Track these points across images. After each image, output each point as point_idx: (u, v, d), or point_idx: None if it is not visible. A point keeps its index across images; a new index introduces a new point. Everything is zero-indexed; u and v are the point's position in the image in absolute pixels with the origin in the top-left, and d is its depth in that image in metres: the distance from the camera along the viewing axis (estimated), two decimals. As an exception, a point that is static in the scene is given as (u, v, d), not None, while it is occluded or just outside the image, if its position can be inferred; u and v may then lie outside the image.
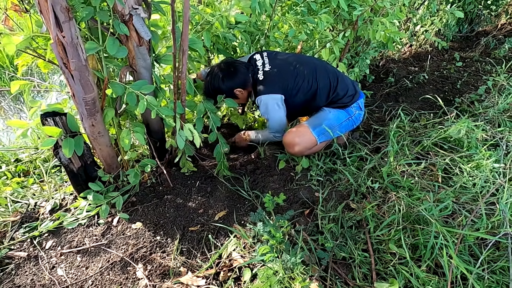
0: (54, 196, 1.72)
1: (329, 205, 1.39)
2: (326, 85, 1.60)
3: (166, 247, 1.33)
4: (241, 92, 1.64)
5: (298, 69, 1.58)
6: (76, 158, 1.46)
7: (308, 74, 1.59)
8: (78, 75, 1.15)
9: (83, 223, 1.51)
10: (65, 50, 1.06)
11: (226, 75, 1.58)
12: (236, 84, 1.60)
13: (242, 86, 1.62)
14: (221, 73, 1.59)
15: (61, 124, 1.32)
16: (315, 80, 1.59)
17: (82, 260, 1.33)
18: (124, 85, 1.31)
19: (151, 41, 1.40)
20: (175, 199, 1.60)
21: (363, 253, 1.17)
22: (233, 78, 1.59)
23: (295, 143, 1.60)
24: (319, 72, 1.60)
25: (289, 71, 1.58)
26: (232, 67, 1.60)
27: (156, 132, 1.71)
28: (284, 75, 1.58)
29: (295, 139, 1.60)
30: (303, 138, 1.60)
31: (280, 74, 1.58)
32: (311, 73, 1.59)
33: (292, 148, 1.62)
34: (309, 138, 1.60)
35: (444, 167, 1.49)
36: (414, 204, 1.22)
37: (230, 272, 1.15)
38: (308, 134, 1.61)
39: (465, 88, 2.78)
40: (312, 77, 1.59)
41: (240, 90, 1.62)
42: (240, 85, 1.61)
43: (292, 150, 1.63)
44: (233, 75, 1.59)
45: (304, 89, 1.60)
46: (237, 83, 1.60)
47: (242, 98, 1.70)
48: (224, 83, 1.59)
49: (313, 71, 1.60)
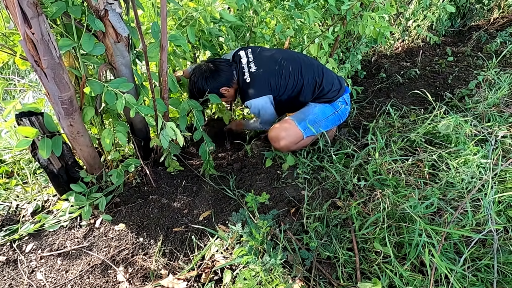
0: (37, 198, 1.68)
1: (315, 203, 1.37)
2: (311, 80, 1.58)
3: (148, 249, 1.31)
4: (227, 90, 1.61)
5: (284, 67, 1.56)
6: (56, 159, 1.42)
7: (293, 70, 1.56)
8: (51, 73, 1.10)
9: (65, 225, 1.47)
10: (35, 47, 1.02)
11: (209, 76, 1.55)
12: (221, 84, 1.58)
13: (227, 85, 1.59)
14: (204, 74, 1.56)
15: (37, 124, 1.28)
16: (301, 76, 1.57)
17: (62, 263, 1.30)
18: (102, 83, 1.27)
19: (131, 38, 1.35)
20: (160, 199, 1.57)
21: (348, 252, 1.15)
22: (217, 78, 1.56)
23: (280, 137, 1.58)
24: (304, 68, 1.58)
25: (274, 70, 1.55)
26: (214, 67, 1.57)
27: (140, 131, 1.67)
28: (270, 75, 1.55)
29: (281, 133, 1.58)
30: (288, 132, 1.58)
31: (266, 75, 1.55)
32: (297, 69, 1.57)
33: (277, 143, 1.60)
34: (295, 132, 1.58)
35: (432, 163, 1.47)
36: (400, 201, 1.20)
37: (212, 274, 1.12)
38: (294, 128, 1.59)
39: (456, 83, 2.76)
40: (297, 73, 1.56)
41: (225, 88, 1.60)
42: (225, 84, 1.59)
43: (277, 144, 1.60)
44: (217, 75, 1.56)
45: (290, 86, 1.58)
46: (221, 82, 1.58)
47: (229, 96, 1.67)
48: (208, 84, 1.56)
49: (299, 67, 1.57)
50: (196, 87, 1.58)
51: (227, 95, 1.64)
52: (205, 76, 1.56)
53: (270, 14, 1.93)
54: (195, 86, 1.59)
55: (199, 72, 1.58)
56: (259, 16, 1.86)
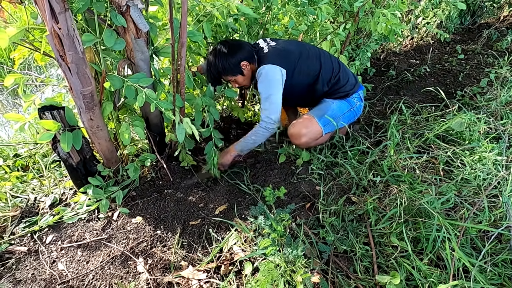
0: (53, 191, 1.71)
1: (330, 198, 1.39)
2: (329, 69, 1.58)
3: (166, 241, 1.33)
4: (246, 66, 1.55)
5: (303, 50, 1.55)
6: (75, 153, 1.45)
7: (312, 56, 1.56)
8: (75, 67, 1.13)
9: (83, 218, 1.50)
10: (61, 42, 1.04)
11: (231, 49, 1.51)
12: (242, 56, 1.52)
13: (248, 59, 1.54)
14: (225, 49, 1.52)
15: (59, 118, 1.30)
16: (319, 62, 1.56)
17: (82, 254, 1.33)
18: (122, 78, 1.29)
19: (149, 33, 1.37)
20: (175, 194, 1.59)
21: (364, 246, 1.16)
22: (238, 50, 1.52)
23: (302, 134, 1.57)
24: (322, 56, 1.58)
25: (294, 50, 1.54)
26: (234, 42, 1.55)
27: (156, 126, 1.69)
28: (290, 52, 1.53)
29: (302, 130, 1.57)
30: (310, 129, 1.58)
31: (286, 51, 1.53)
32: (316, 55, 1.57)
33: (298, 140, 1.59)
34: (316, 129, 1.58)
35: (446, 160, 1.48)
36: (416, 197, 1.21)
37: (231, 266, 1.15)
38: (315, 125, 1.58)
39: (467, 81, 2.75)
40: (316, 59, 1.56)
41: (245, 63, 1.53)
42: (246, 57, 1.53)
43: (298, 141, 1.60)
44: (238, 48, 1.53)
45: (308, 69, 1.55)
46: (243, 54, 1.52)
47: (247, 76, 1.59)
48: (231, 56, 1.51)
49: (318, 54, 1.58)
50: (218, 63, 1.52)
51: (246, 73, 1.57)
52: (228, 50, 1.51)
53: (283, 10, 1.94)
54: (216, 62, 1.52)
55: (217, 51, 1.53)
56: (272, 12, 1.87)
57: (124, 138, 1.41)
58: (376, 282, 1.04)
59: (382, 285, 1.02)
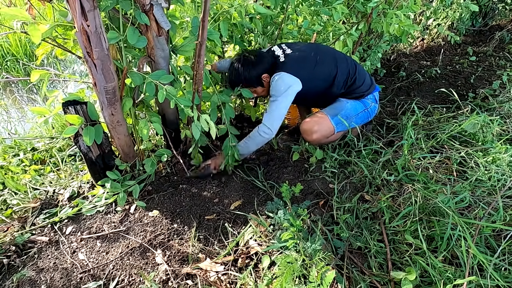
0: (71, 184, 1.76)
1: (343, 196, 1.41)
2: (345, 72, 1.60)
3: (183, 234, 1.37)
4: (267, 78, 1.61)
5: (318, 55, 1.58)
6: (95, 147, 1.49)
7: (328, 60, 1.59)
8: (100, 64, 1.16)
9: (101, 210, 1.54)
10: (89, 39, 1.08)
11: (254, 62, 1.57)
12: (264, 69, 1.58)
13: (269, 71, 1.60)
14: (249, 61, 1.58)
15: (81, 113, 1.35)
16: (335, 66, 1.59)
17: (102, 245, 1.37)
18: (143, 74, 1.33)
19: (169, 32, 1.41)
20: (190, 189, 1.63)
21: (379, 244, 1.18)
22: (261, 63, 1.58)
23: (313, 130, 1.61)
24: (338, 59, 1.61)
25: (310, 56, 1.57)
26: (256, 54, 1.60)
27: (172, 123, 1.73)
28: (306, 60, 1.56)
29: (314, 127, 1.61)
30: (321, 126, 1.62)
31: (302, 58, 1.56)
32: (331, 59, 1.59)
33: (310, 136, 1.63)
34: (328, 127, 1.62)
35: (459, 160, 1.49)
36: (430, 196, 1.23)
37: (248, 259, 1.18)
38: (327, 122, 1.62)
39: (479, 83, 2.74)
40: (332, 63, 1.59)
41: (266, 76, 1.60)
42: (267, 69, 1.59)
43: (310, 137, 1.64)
44: (260, 60, 1.58)
45: (324, 74, 1.58)
46: (264, 67, 1.59)
47: (266, 86, 1.65)
48: (254, 68, 1.57)
49: (333, 58, 1.60)
50: (241, 74, 1.59)
51: (265, 85, 1.64)
52: (251, 62, 1.57)
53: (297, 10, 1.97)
54: (239, 73, 1.59)
55: (244, 60, 1.59)
56: (287, 12, 1.90)
57: (143, 134, 1.45)
58: (391, 278, 1.06)
59: (396, 281, 1.04)
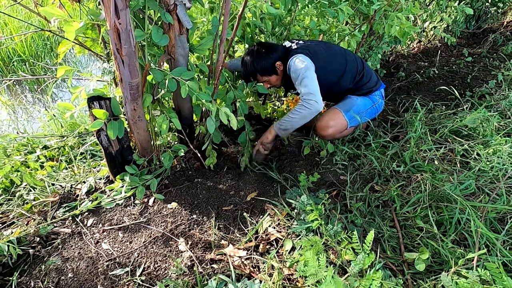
0: (87, 180, 1.81)
1: (355, 187, 1.48)
2: (353, 67, 1.69)
3: (203, 224, 1.42)
4: (280, 66, 1.67)
5: (329, 49, 1.67)
6: (116, 141, 1.54)
7: (338, 55, 1.67)
8: (128, 60, 1.23)
9: (120, 203, 1.59)
10: (119, 36, 1.14)
11: (267, 51, 1.63)
12: (278, 56, 1.64)
13: (282, 60, 1.66)
14: (261, 50, 1.64)
15: (105, 108, 1.40)
16: (344, 60, 1.67)
17: (124, 236, 1.42)
18: (165, 71, 1.39)
19: (188, 31, 1.48)
20: (206, 182, 1.69)
21: (391, 229, 1.26)
22: (274, 51, 1.64)
23: (329, 125, 1.69)
24: (347, 55, 1.70)
25: (321, 49, 1.65)
26: (267, 44, 1.67)
27: (187, 119, 1.79)
28: (317, 51, 1.63)
29: (330, 122, 1.69)
30: (336, 121, 1.69)
31: (313, 49, 1.63)
32: (341, 54, 1.68)
33: (325, 131, 1.70)
34: (342, 122, 1.70)
35: (462, 152, 1.58)
36: (438, 184, 1.31)
37: (269, 245, 1.24)
38: (341, 118, 1.70)
39: (475, 83, 2.86)
40: (341, 58, 1.67)
41: (280, 64, 1.65)
42: (281, 57, 1.65)
43: (325, 132, 1.71)
44: (273, 49, 1.65)
45: (334, 68, 1.66)
46: (278, 55, 1.64)
47: (280, 76, 1.70)
48: (269, 56, 1.63)
49: (343, 53, 1.70)
50: (256, 63, 1.63)
51: (279, 73, 1.69)
52: (264, 51, 1.63)
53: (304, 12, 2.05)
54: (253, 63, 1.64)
55: (255, 52, 1.64)
56: (295, 14, 1.98)
57: (162, 129, 1.51)
58: (404, 259, 1.13)
59: (410, 262, 1.12)
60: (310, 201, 1.14)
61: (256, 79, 1.71)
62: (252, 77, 1.70)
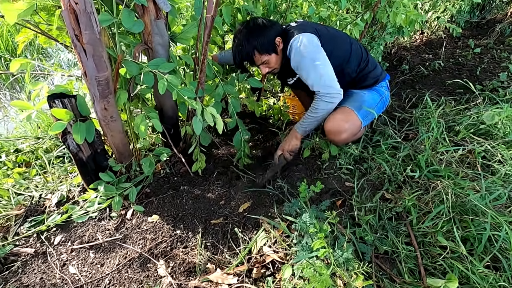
0: (59, 188, 1.60)
1: (363, 195, 1.29)
2: (358, 53, 1.47)
3: (188, 242, 1.23)
4: (280, 43, 1.41)
5: (332, 31, 1.45)
6: (86, 146, 1.33)
7: (342, 38, 1.46)
8: (91, 49, 1.01)
9: (94, 217, 1.39)
10: (77, 19, 0.93)
11: (265, 24, 1.37)
12: (277, 31, 1.38)
13: (282, 35, 1.40)
14: (259, 24, 1.36)
15: (70, 107, 1.19)
16: (349, 44, 1.45)
17: (95, 256, 1.21)
18: (140, 63, 1.18)
19: (168, 16, 1.26)
20: (193, 190, 1.49)
21: (407, 247, 1.07)
22: (273, 25, 1.38)
23: (343, 129, 1.40)
24: (352, 40, 1.49)
25: (325, 31, 1.42)
26: (265, 18, 1.41)
27: (170, 118, 1.59)
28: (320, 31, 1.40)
29: (344, 125, 1.40)
30: (351, 123, 1.41)
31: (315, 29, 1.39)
32: (345, 38, 1.47)
33: (338, 136, 1.42)
34: (356, 123, 1.43)
35: (483, 154, 1.39)
36: (462, 193, 1.12)
37: (264, 269, 1.05)
38: (355, 118, 1.42)
39: (483, 75, 2.68)
40: (346, 41, 1.45)
41: (279, 40, 1.39)
42: (280, 32, 1.39)
43: (339, 137, 1.42)
44: (271, 22, 1.39)
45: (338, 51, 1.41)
46: (277, 29, 1.39)
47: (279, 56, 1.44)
48: (268, 30, 1.35)
49: (347, 37, 1.48)
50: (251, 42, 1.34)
51: (278, 52, 1.43)
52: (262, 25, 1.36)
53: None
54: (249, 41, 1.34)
55: (251, 26, 1.36)
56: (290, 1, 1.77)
57: (140, 131, 1.30)
58: (426, 286, 0.95)
59: (433, 290, 0.93)
60: (314, 221, 0.94)
61: (253, 61, 1.41)
62: (248, 58, 1.39)
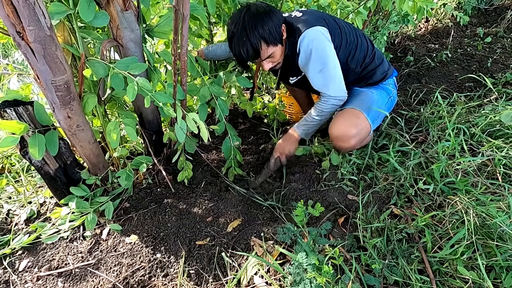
0: (31, 201, 1.44)
1: (368, 212, 1.13)
2: (364, 45, 1.30)
3: (169, 268, 1.07)
4: (284, 33, 1.21)
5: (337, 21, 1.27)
6: (52, 159, 1.16)
7: (348, 28, 1.28)
8: (40, 49, 0.83)
9: (65, 237, 1.23)
10: (17, 12, 0.75)
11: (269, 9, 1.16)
12: (280, 18, 1.18)
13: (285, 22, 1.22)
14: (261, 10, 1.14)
15: (26, 117, 1.02)
16: (355, 35, 1.27)
17: (64, 286, 1.06)
18: (106, 64, 1.00)
19: (139, 6, 1.07)
20: (177, 204, 1.33)
21: (421, 277, 0.92)
22: (275, 11, 1.17)
23: (351, 134, 1.24)
24: (357, 30, 1.31)
25: (330, 20, 1.24)
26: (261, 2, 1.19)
27: (151, 123, 1.41)
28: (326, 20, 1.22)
29: (352, 130, 1.24)
30: (360, 127, 1.26)
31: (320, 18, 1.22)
32: (350, 28, 1.29)
33: (347, 142, 1.26)
34: (366, 127, 1.27)
35: (504, 161, 1.23)
36: (484, 212, 0.97)
37: (254, 306, 0.90)
38: (364, 121, 1.26)
39: (495, 67, 2.49)
40: (351, 32, 1.27)
41: (284, 28, 1.21)
42: (283, 19, 1.20)
43: (347, 144, 1.27)
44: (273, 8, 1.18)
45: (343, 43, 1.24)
46: (281, 16, 1.19)
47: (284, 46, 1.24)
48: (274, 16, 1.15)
49: (352, 27, 1.30)
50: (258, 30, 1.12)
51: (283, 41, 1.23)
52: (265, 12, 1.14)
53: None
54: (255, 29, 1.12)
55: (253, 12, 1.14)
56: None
57: (111, 139, 1.13)
58: (445, 327, 0.80)
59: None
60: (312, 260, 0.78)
61: (258, 55, 1.18)
62: (252, 52, 1.16)
